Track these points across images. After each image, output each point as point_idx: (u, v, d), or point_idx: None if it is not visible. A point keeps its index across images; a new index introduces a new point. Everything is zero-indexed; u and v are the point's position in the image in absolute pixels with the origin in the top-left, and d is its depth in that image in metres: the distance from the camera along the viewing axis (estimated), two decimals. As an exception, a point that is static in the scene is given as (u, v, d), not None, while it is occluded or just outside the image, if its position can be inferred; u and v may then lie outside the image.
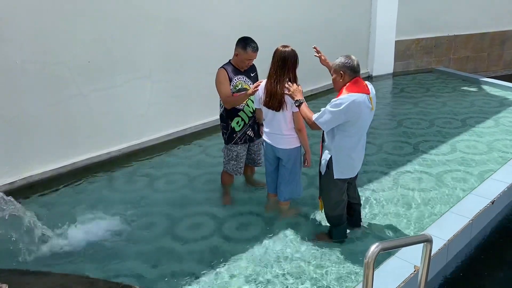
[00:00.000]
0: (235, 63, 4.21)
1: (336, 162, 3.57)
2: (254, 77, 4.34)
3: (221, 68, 4.21)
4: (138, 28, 5.66)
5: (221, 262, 3.72)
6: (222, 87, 4.17)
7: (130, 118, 5.86)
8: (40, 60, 4.93)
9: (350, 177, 3.71)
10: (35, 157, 5.12)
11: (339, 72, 3.44)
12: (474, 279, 3.89)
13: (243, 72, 4.25)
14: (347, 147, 3.52)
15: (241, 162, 4.46)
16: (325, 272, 3.55)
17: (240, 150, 4.40)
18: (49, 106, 5.10)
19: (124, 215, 4.45)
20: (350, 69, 3.41)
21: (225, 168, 4.55)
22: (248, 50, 4.05)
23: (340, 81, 3.46)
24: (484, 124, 6.57)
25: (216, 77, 4.20)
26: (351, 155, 3.57)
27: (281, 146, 3.94)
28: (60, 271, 3.62)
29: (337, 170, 3.60)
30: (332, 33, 8.14)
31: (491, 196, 4.44)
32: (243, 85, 4.23)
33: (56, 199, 4.85)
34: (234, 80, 4.19)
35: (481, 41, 10.14)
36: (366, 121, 3.50)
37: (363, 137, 3.59)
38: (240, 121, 4.29)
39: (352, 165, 3.64)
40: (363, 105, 3.36)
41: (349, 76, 3.42)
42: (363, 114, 3.40)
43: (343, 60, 3.44)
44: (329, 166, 3.62)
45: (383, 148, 5.86)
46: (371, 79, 9.24)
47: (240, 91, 4.20)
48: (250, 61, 4.17)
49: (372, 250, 2.39)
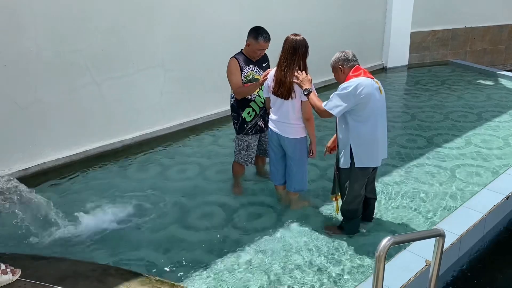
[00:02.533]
0: (247, 53, 4.18)
1: (357, 151, 3.53)
2: (266, 67, 4.31)
3: (232, 58, 4.19)
4: (151, 17, 5.66)
5: (231, 252, 3.73)
6: (233, 77, 4.15)
7: (143, 107, 5.88)
8: (55, 48, 4.96)
9: (374, 166, 3.64)
10: (48, 144, 5.17)
11: (338, 67, 3.56)
12: (486, 275, 3.85)
13: (255, 62, 4.22)
14: (365, 134, 3.48)
15: (252, 153, 4.45)
16: (334, 265, 3.54)
17: (251, 141, 4.39)
18: (63, 93, 5.13)
19: (136, 203, 4.48)
20: (345, 60, 3.53)
21: (236, 158, 4.55)
22: (259, 40, 4.02)
23: (342, 75, 3.57)
24: (500, 118, 6.46)
25: (228, 67, 4.19)
26: (371, 142, 3.52)
27: (287, 135, 3.89)
28: (72, 257, 3.66)
29: (359, 160, 3.54)
30: (347, 24, 8.06)
31: (506, 191, 4.38)
32: (254, 75, 4.21)
33: (68, 186, 4.90)
34: (246, 70, 4.17)
35: (499, 34, 9.95)
36: (377, 104, 3.47)
37: (379, 122, 3.52)
38: (251, 112, 4.28)
39: (374, 153, 3.57)
40: (370, 87, 3.39)
41: (348, 66, 3.52)
42: (373, 96, 3.40)
43: (337, 55, 3.58)
44: (351, 158, 3.56)
45: (397, 141, 5.80)
46: (385, 70, 9.15)
47: (251, 81, 4.17)
48: (262, 51, 4.13)
49: (384, 244, 2.37)
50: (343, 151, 3.61)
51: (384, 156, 3.72)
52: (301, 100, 3.75)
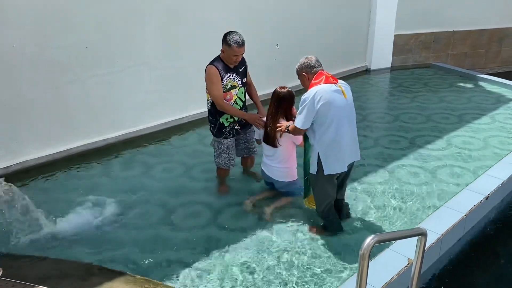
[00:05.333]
0: (224, 59, 4.07)
1: (324, 157, 3.56)
2: (243, 72, 4.23)
3: (211, 66, 4.04)
4: (137, 15, 5.63)
5: (215, 251, 3.74)
6: (214, 88, 4.05)
7: (128, 105, 5.84)
8: (38, 44, 4.89)
9: (341, 171, 3.66)
10: (31, 142, 5.10)
11: (302, 74, 3.65)
12: (466, 273, 3.94)
13: (233, 69, 4.13)
14: (330, 140, 3.52)
15: (232, 154, 4.45)
16: (318, 264, 3.58)
17: (230, 142, 4.39)
18: (46, 90, 5.07)
19: (120, 202, 4.45)
20: (308, 67, 3.61)
21: (216, 163, 4.49)
22: (233, 46, 3.90)
23: (306, 81, 3.65)
24: (481, 121, 6.59)
25: (207, 75, 4.07)
26: (335, 147, 3.54)
27: (278, 178, 4.26)
28: (55, 256, 3.63)
29: (326, 166, 3.57)
30: (332, 26, 8.12)
31: (486, 191, 4.47)
32: (232, 83, 4.13)
33: (51, 184, 4.84)
34: (225, 78, 4.07)
35: (479, 38, 10.14)
36: (340, 108, 3.49)
37: (344, 126, 3.54)
38: (229, 118, 4.25)
39: (340, 158, 3.59)
40: (329, 93, 3.46)
41: (311, 73, 3.60)
42: (333, 102, 3.45)
43: (301, 61, 3.66)
44: (319, 164, 3.59)
45: (380, 142, 5.88)
46: (369, 72, 9.24)
47: (229, 89, 4.13)
48: (238, 57, 4.01)
49: (368, 242, 2.40)
50: (312, 157, 3.67)
51: (356, 159, 3.76)
52: (293, 142, 4.09)
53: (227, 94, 4.14)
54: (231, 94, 4.17)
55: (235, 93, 4.19)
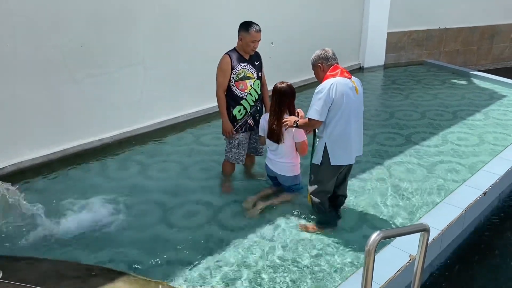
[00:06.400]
0: (240, 49, 4.17)
1: (331, 149, 3.62)
2: (259, 66, 4.32)
3: (225, 55, 4.18)
4: (132, 14, 5.58)
5: (215, 250, 3.72)
6: (220, 75, 4.16)
7: (123, 105, 5.79)
8: (33, 44, 4.83)
9: (348, 163, 3.72)
10: (25, 142, 5.03)
11: (317, 65, 3.67)
12: (466, 267, 3.96)
13: (248, 60, 4.21)
14: (338, 132, 3.58)
15: (243, 150, 4.44)
16: (320, 261, 3.57)
17: (241, 138, 4.38)
18: (41, 90, 5.00)
19: (117, 202, 4.41)
20: (325, 59, 3.63)
21: (226, 157, 4.53)
22: (251, 31, 4.04)
23: (321, 73, 3.67)
24: (475, 117, 6.64)
25: (219, 63, 4.17)
26: (344, 140, 3.61)
27: (282, 172, 4.23)
28: (54, 257, 3.59)
29: (334, 157, 3.63)
30: (325, 25, 8.13)
31: (483, 187, 4.50)
32: (246, 73, 4.20)
33: (47, 185, 4.78)
34: (237, 68, 4.15)
35: (471, 35, 10.22)
36: (352, 103, 3.55)
37: (353, 121, 3.61)
38: (242, 110, 4.27)
39: (348, 150, 3.66)
40: (345, 86, 3.51)
41: (327, 65, 3.63)
42: (347, 95, 3.50)
43: (317, 53, 3.68)
44: (325, 155, 3.65)
45: (376, 139, 5.89)
46: (362, 70, 9.27)
47: (243, 79, 4.17)
48: (256, 42, 4.12)
49: (374, 238, 2.40)
50: (318, 147, 3.70)
51: (359, 153, 3.81)
52: (295, 142, 4.05)
53: (240, 83, 4.18)
54: (245, 84, 4.20)
55: (250, 83, 4.23)
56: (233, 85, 4.17)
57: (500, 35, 10.50)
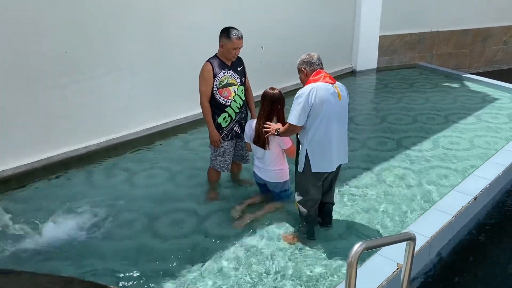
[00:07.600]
0: (222, 55, 4.09)
1: (312, 155, 3.55)
2: (242, 71, 4.24)
3: (207, 62, 4.10)
4: (118, 19, 5.50)
5: (201, 260, 3.63)
6: (202, 84, 4.09)
7: (109, 111, 5.71)
8: (15, 50, 4.74)
9: (328, 171, 3.63)
10: (8, 150, 4.93)
11: (301, 69, 3.64)
12: (456, 275, 3.88)
13: (230, 67, 4.13)
14: (318, 138, 3.51)
15: (228, 158, 4.37)
16: (306, 271, 3.49)
17: (227, 146, 4.31)
18: (24, 97, 4.91)
19: (102, 211, 4.32)
20: (308, 63, 3.59)
21: (211, 164, 4.45)
22: (232, 38, 3.95)
23: (304, 78, 3.63)
24: (467, 121, 6.59)
25: (200, 71, 4.10)
26: (324, 146, 3.53)
27: (269, 179, 4.17)
28: (34, 270, 3.49)
29: (314, 164, 3.56)
30: (317, 28, 8.08)
31: (473, 192, 4.44)
32: (229, 80, 4.12)
33: (30, 194, 4.70)
34: (220, 75, 4.07)
35: (463, 38, 10.20)
36: (332, 109, 3.47)
37: (335, 127, 3.52)
38: (227, 117, 4.20)
39: (328, 158, 3.57)
40: (325, 91, 3.44)
41: (310, 70, 3.58)
42: (327, 100, 3.43)
43: (302, 57, 3.64)
44: (306, 162, 3.58)
45: (367, 144, 5.83)
46: (355, 74, 9.22)
47: (226, 86, 4.10)
48: (237, 49, 4.04)
49: (356, 250, 2.33)
50: (300, 154, 3.65)
51: (343, 162, 3.74)
52: (283, 149, 4.01)
53: (224, 90, 4.11)
54: (229, 91, 4.13)
55: (234, 90, 4.16)
56: (216, 93, 4.10)
57: (492, 37, 10.48)
